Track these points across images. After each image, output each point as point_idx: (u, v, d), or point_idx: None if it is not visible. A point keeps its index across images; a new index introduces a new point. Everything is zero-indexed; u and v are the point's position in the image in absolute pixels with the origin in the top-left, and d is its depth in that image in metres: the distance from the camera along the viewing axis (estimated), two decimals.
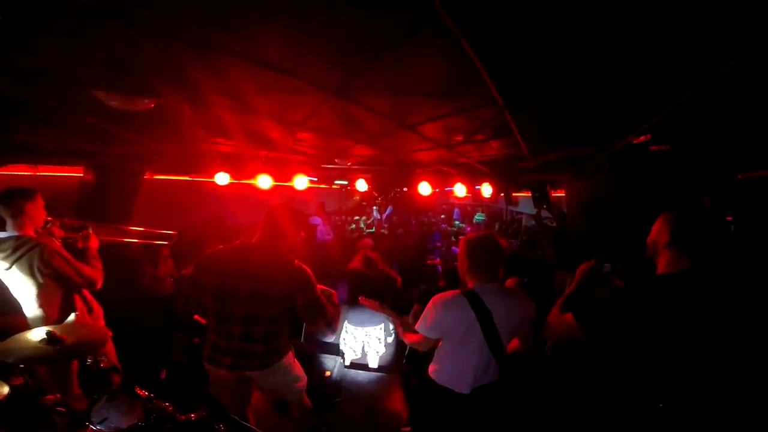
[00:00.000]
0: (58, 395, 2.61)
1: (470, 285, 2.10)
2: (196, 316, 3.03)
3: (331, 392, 3.66)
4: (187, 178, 6.25)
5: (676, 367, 1.51)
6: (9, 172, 4.37)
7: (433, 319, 2.06)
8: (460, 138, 3.01)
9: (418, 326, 2.14)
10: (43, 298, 2.46)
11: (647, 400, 1.56)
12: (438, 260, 4.10)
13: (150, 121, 2.69)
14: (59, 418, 1.96)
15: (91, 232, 2.86)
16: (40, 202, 2.56)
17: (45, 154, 4.00)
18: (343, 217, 11.02)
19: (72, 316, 2.57)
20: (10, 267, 2.38)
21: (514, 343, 2.17)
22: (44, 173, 5.14)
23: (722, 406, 1.50)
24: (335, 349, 4.25)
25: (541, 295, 2.20)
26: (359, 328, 4.26)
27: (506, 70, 1.51)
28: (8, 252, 2.37)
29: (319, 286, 2.35)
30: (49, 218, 2.71)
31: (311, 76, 1.68)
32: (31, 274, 2.41)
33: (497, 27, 1.19)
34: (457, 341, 2.05)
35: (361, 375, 4.32)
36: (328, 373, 3.78)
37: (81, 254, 2.70)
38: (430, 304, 2.09)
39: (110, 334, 2.69)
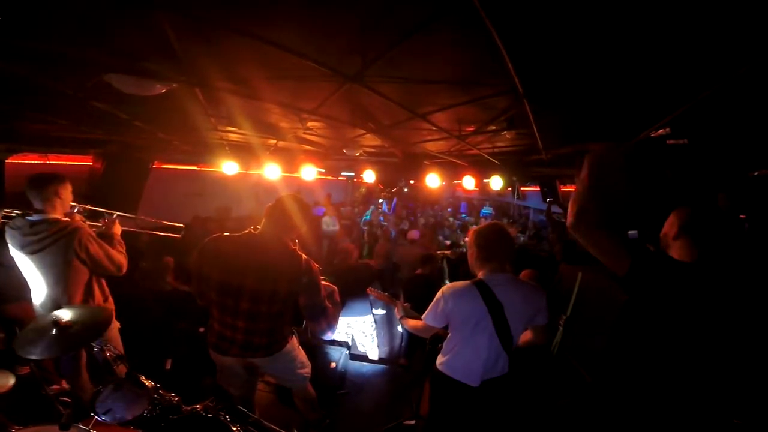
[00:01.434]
0: (64, 385, 2.60)
1: (480, 275, 2.09)
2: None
3: (335, 384, 3.65)
4: (195, 168, 6.25)
5: (676, 360, 1.50)
6: (20, 161, 4.37)
7: (441, 309, 2.05)
8: (472, 128, 2.95)
9: (425, 315, 2.14)
10: (71, 282, 2.46)
11: (651, 397, 1.54)
12: (449, 252, 4.05)
13: (159, 109, 2.64)
14: (63, 408, 1.94)
15: (115, 218, 2.87)
16: (69, 187, 2.56)
17: (56, 143, 3.99)
18: (350, 208, 10.99)
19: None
20: (43, 249, 2.36)
21: (526, 336, 2.15)
22: (54, 161, 5.16)
23: (730, 404, 1.50)
24: (341, 341, 4.23)
25: (547, 289, 2.20)
26: (341, 318, 4.24)
27: (529, 59, 1.46)
28: (43, 234, 2.35)
29: (323, 283, 2.31)
30: (74, 204, 2.70)
31: (328, 60, 1.63)
32: (65, 257, 2.39)
33: (524, 14, 1.15)
34: (468, 334, 2.03)
35: (365, 367, 4.30)
36: (333, 365, 3.77)
37: (105, 240, 2.68)
38: (439, 294, 2.08)
39: (119, 325, 2.68)
